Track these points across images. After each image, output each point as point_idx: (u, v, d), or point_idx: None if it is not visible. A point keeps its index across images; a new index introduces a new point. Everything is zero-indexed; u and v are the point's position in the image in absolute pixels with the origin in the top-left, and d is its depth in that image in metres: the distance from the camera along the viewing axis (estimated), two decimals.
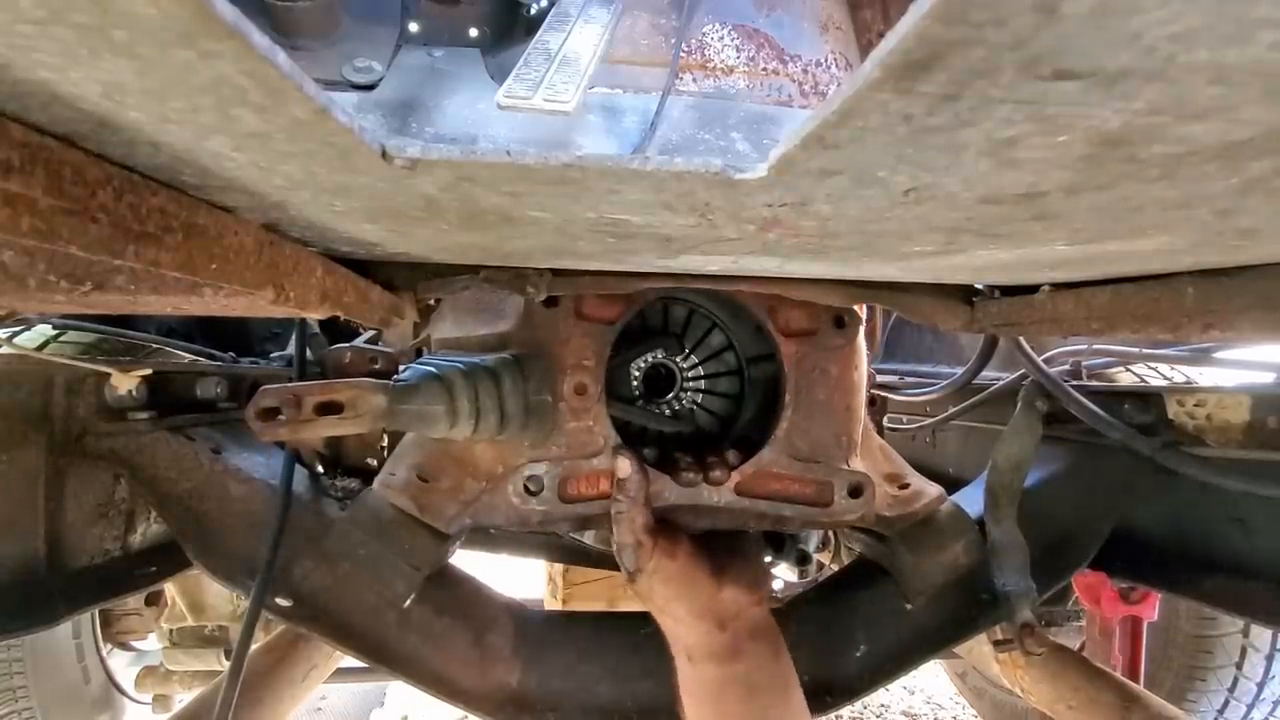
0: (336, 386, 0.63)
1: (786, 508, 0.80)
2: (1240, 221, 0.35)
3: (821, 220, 0.39)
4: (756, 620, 0.74)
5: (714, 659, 0.71)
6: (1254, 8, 0.17)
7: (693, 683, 0.73)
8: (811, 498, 0.80)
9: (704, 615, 0.71)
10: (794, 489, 0.80)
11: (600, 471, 0.76)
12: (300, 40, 0.66)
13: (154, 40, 0.20)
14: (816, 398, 0.80)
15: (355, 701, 2.76)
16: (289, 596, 0.83)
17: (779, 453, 0.79)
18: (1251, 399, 0.83)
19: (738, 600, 0.73)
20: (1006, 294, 0.69)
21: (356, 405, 0.63)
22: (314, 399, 0.61)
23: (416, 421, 0.67)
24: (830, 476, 0.80)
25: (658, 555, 0.73)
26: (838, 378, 0.80)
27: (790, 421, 0.79)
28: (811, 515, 0.80)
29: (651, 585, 0.73)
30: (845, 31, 0.78)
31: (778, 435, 0.79)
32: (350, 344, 1.02)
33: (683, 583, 0.72)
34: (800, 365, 0.79)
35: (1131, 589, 1.34)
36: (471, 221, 0.45)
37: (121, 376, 0.83)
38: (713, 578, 0.74)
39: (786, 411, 0.79)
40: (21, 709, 1.58)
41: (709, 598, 0.72)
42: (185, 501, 0.85)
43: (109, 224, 0.29)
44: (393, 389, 0.66)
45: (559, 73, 0.54)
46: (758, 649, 0.73)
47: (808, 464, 0.80)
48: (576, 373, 0.74)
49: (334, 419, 0.62)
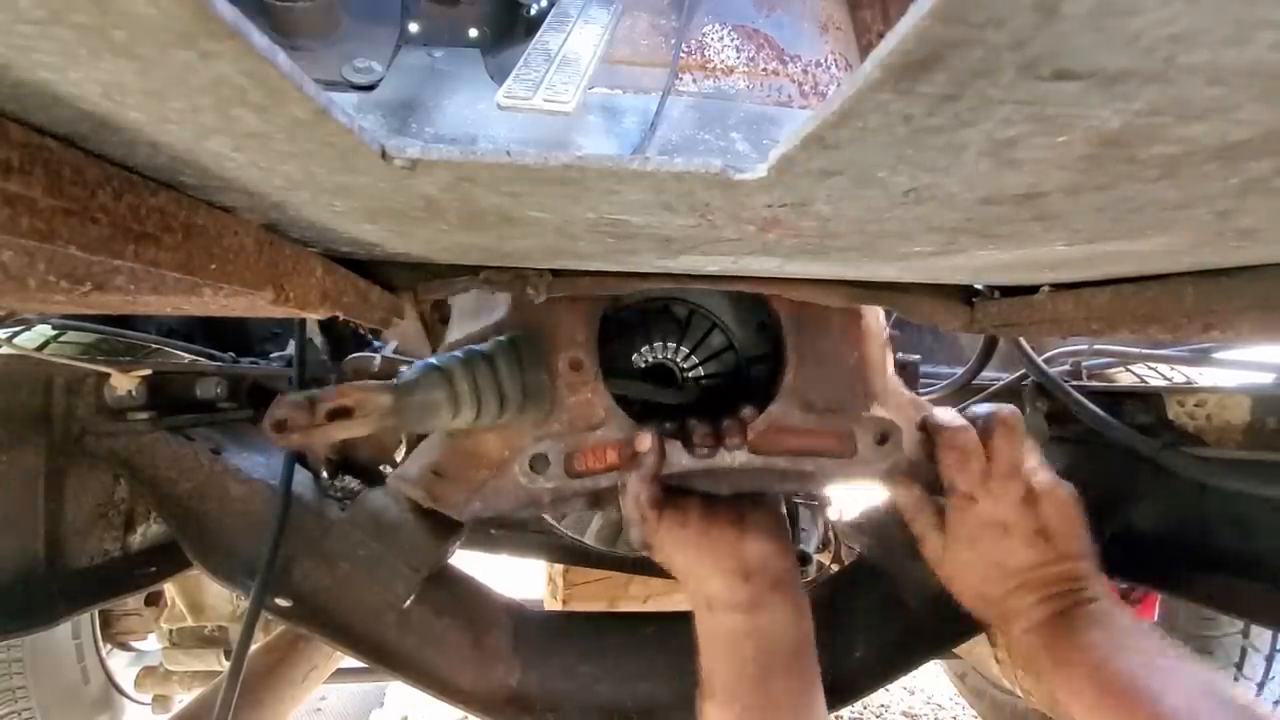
0: (345, 391, 0.65)
1: (808, 462, 0.77)
2: (1240, 222, 0.35)
3: (821, 220, 0.39)
4: (780, 573, 0.72)
5: (735, 609, 0.70)
6: (1254, 8, 0.17)
7: (710, 630, 0.71)
8: (834, 449, 0.78)
9: (728, 568, 0.71)
10: (812, 442, 0.77)
11: (605, 443, 0.75)
12: (300, 40, 0.66)
13: (154, 40, 0.20)
14: (820, 347, 0.78)
15: (355, 702, 2.76)
16: (289, 596, 0.83)
17: (789, 405, 0.77)
18: (1251, 399, 0.83)
19: (762, 550, 0.72)
20: (1006, 294, 0.69)
21: (364, 406, 0.65)
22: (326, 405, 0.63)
23: (421, 413, 0.68)
24: (851, 425, 0.77)
25: (668, 524, 0.72)
26: (841, 326, 0.79)
27: (797, 373, 0.77)
28: (836, 468, 0.78)
29: (670, 556, 0.73)
30: (845, 32, 0.78)
31: (785, 388, 0.77)
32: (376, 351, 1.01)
33: (701, 544, 0.72)
34: (798, 316, 0.78)
35: (1131, 589, 1.34)
36: (471, 222, 0.45)
37: (121, 376, 0.83)
38: (734, 528, 0.73)
39: (790, 363, 0.77)
40: (21, 709, 1.58)
41: (731, 549, 0.71)
42: (185, 502, 0.85)
43: (109, 224, 0.29)
44: (396, 386, 0.67)
45: (559, 73, 0.54)
46: (779, 602, 0.71)
47: (823, 415, 0.77)
48: (570, 348, 0.74)
49: (344, 422, 0.63)
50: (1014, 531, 0.71)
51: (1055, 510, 0.72)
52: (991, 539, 0.72)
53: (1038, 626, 0.68)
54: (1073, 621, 0.67)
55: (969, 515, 0.73)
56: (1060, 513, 0.72)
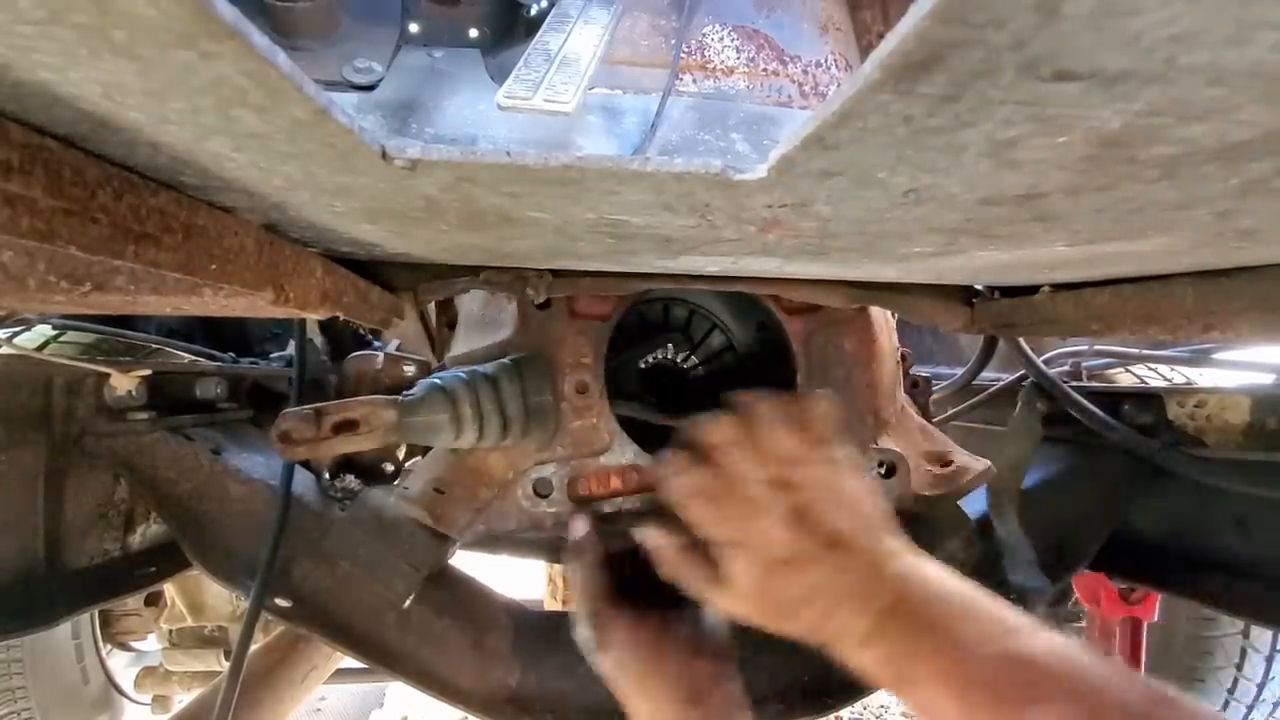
0: (351, 405, 0.66)
1: None
2: (1240, 222, 0.35)
3: (821, 221, 0.39)
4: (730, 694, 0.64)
5: None
6: (1254, 9, 0.17)
7: None
8: None
9: (678, 697, 0.62)
10: None
11: (609, 469, 0.75)
12: (300, 41, 0.66)
13: (154, 41, 0.20)
14: (832, 375, 0.77)
15: (355, 702, 2.76)
16: (289, 597, 0.83)
17: None
18: (1251, 400, 0.83)
19: (714, 671, 0.64)
20: (1006, 295, 0.69)
21: (370, 421, 0.65)
22: (332, 418, 0.63)
23: (424, 432, 0.68)
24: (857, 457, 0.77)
25: (619, 636, 0.64)
26: (854, 352, 0.78)
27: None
28: None
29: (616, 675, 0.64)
30: (845, 32, 0.78)
31: None
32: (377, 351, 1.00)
33: (651, 665, 0.63)
34: (809, 342, 0.77)
35: (1131, 589, 1.34)
36: (471, 222, 0.45)
37: (121, 377, 0.83)
38: (690, 643, 0.64)
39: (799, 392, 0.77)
40: (21, 709, 1.58)
41: (681, 669, 0.62)
42: (185, 502, 0.85)
43: (109, 224, 0.29)
44: (401, 403, 0.67)
45: (559, 73, 0.54)
46: None
47: None
48: (576, 371, 0.74)
49: (349, 436, 0.64)
50: (792, 557, 0.57)
51: (823, 497, 0.58)
52: (773, 573, 0.57)
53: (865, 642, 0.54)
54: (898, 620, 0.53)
55: (738, 554, 0.58)
56: (825, 496, 0.58)
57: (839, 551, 0.56)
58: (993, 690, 0.47)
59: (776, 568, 0.56)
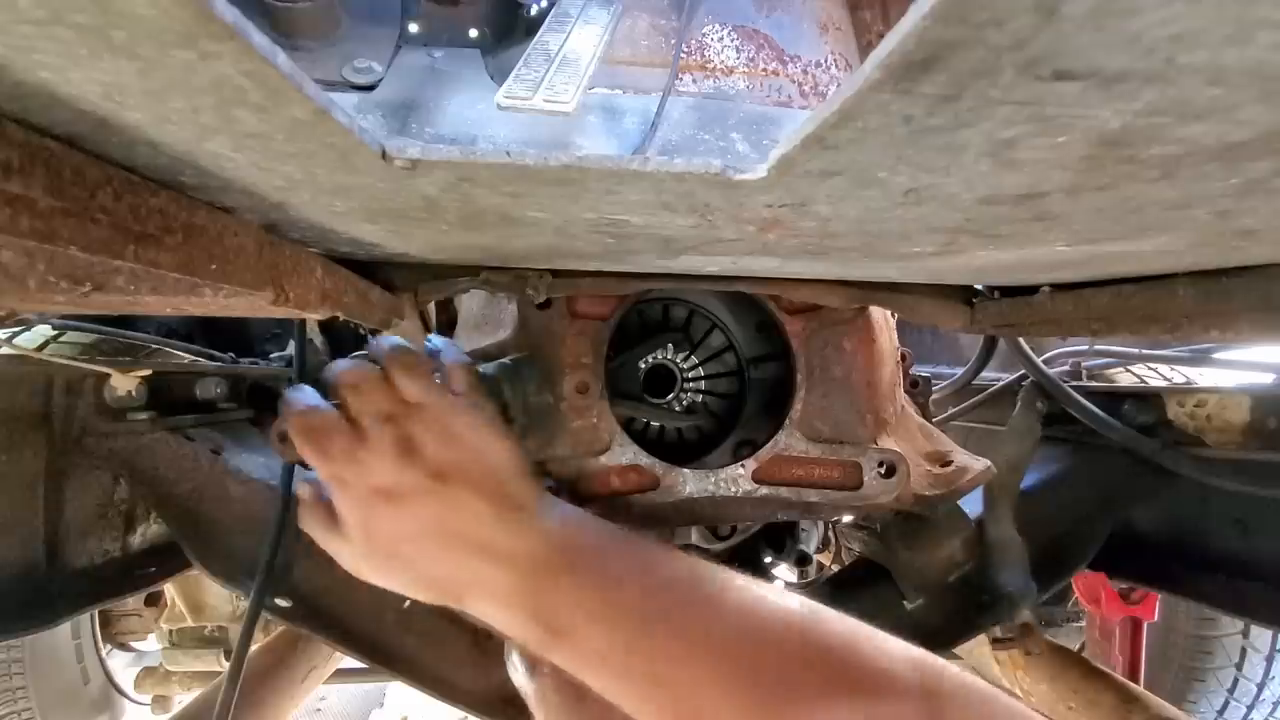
0: None
1: (812, 493, 0.76)
2: (1240, 222, 0.35)
3: (821, 221, 0.39)
4: None
5: None
6: (1254, 8, 0.17)
7: None
8: (838, 481, 0.77)
9: None
10: (818, 473, 0.77)
11: (609, 469, 0.75)
12: (300, 41, 0.66)
13: (154, 41, 0.20)
14: (832, 375, 0.77)
15: (355, 702, 2.76)
16: (289, 596, 0.83)
17: (797, 436, 0.76)
18: (1251, 399, 0.83)
19: None
20: (1006, 295, 0.69)
21: None
22: None
23: None
24: (857, 457, 0.76)
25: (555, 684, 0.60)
26: (853, 352, 0.78)
27: (805, 402, 0.76)
28: (841, 500, 0.77)
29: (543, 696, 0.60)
30: (845, 32, 0.78)
31: (793, 417, 0.76)
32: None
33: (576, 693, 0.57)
34: (810, 342, 0.77)
35: (1131, 589, 1.34)
36: (471, 222, 0.45)
37: (121, 377, 0.83)
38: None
39: (800, 392, 0.77)
40: (21, 709, 1.58)
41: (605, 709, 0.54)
42: (185, 502, 0.85)
43: (109, 225, 0.29)
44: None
45: (559, 73, 0.54)
46: None
47: (831, 445, 0.76)
48: (576, 371, 0.74)
49: None
50: (393, 487, 0.51)
51: (435, 431, 0.52)
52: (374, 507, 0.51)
53: (510, 599, 0.49)
54: (547, 572, 0.48)
55: (342, 491, 0.52)
56: (437, 431, 0.52)
57: (451, 487, 0.50)
58: (646, 622, 0.44)
59: (377, 501, 0.51)
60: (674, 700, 0.43)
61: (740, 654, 0.43)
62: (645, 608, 0.45)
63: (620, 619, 0.46)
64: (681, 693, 0.43)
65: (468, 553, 0.50)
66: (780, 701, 0.41)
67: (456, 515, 0.50)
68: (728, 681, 0.42)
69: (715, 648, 0.43)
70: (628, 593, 0.46)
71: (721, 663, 0.43)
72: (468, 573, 0.50)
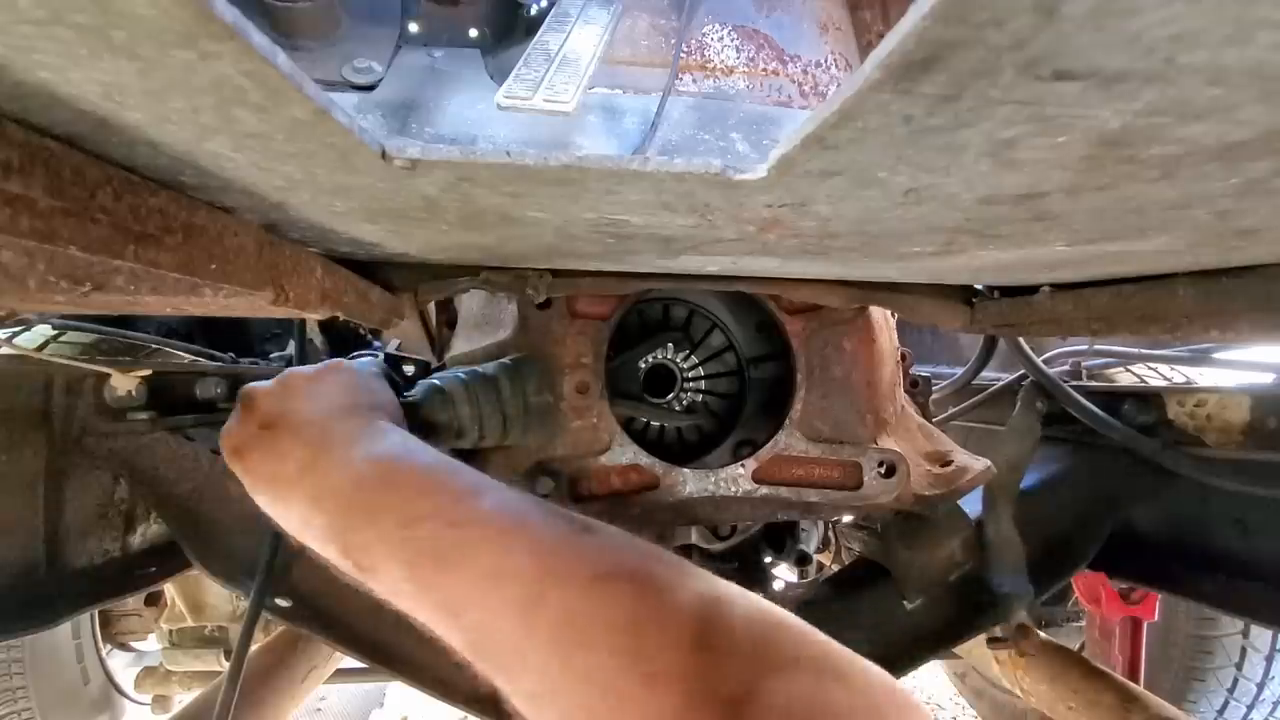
0: None
1: (812, 493, 0.76)
2: (1239, 222, 0.35)
3: (821, 221, 0.39)
4: None
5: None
6: (1254, 8, 0.17)
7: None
8: (838, 481, 0.77)
9: None
10: (818, 473, 0.77)
11: (610, 469, 0.75)
12: (300, 41, 0.66)
13: (154, 41, 0.20)
14: (832, 375, 0.77)
15: (355, 702, 2.75)
16: (289, 596, 0.83)
17: (797, 435, 0.76)
18: (1251, 399, 0.83)
19: None
20: (1006, 295, 0.69)
21: None
22: None
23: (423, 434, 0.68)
24: (857, 457, 0.76)
25: None
26: (853, 352, 0.78)
27: (805, 402, 0.76)
28: (841, 499, 0.77)
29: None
30: (845, 32, 0.78)
31: (793, 417, 0.76)
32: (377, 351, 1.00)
33: None
34: (810, 342, 0.77)
35: (1131, 589, 1.34)
36: (471, 222, 0.45)
37: (121, 377, 0.83)
38: None
39: (800, 392, 0.77)
40: (21, 709, 1.58)
41: None
42: (185, 502, 0.85)
43: (109, 225, 0.29)
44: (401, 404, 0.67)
45: (559, 73, 0.54)
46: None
47: (830, 445, 0.76)
48: (576, 371, 0.74)
49: None
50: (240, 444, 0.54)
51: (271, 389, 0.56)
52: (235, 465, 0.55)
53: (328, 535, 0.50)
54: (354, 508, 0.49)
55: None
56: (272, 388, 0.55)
57: (276, 433, 0.53)
58: (439, 560, 0.44)
59: (234, 460, 0.55)
60: (469, 630, 0.43)
61: (528, 588, 0.42)
62: (439, 546, 0.45)
63: (416, 558, 0.45)
64: (472, 623, 0.43)
65: (292, 496, 0.51)
66: (570, 644, 0.40)
67: (279, 461, 0.52)
68: (516, 616, 0.41)
69: (504, 583, 0.42)
70: (425, 529, 0.46)
71: (509, 600, 0.42)
72: (295, 514, 0.51)
